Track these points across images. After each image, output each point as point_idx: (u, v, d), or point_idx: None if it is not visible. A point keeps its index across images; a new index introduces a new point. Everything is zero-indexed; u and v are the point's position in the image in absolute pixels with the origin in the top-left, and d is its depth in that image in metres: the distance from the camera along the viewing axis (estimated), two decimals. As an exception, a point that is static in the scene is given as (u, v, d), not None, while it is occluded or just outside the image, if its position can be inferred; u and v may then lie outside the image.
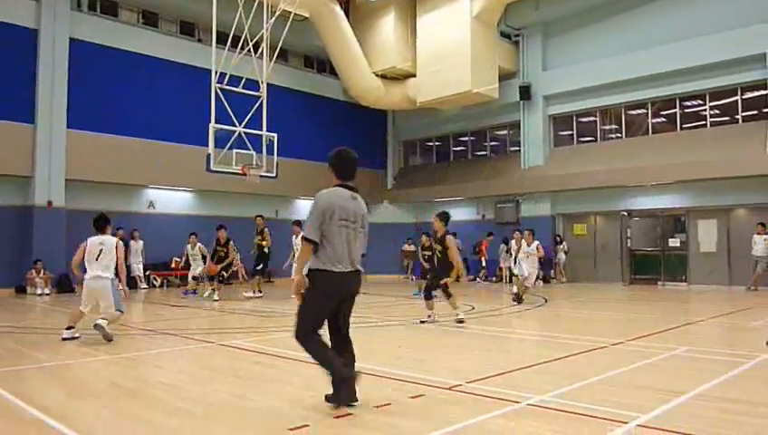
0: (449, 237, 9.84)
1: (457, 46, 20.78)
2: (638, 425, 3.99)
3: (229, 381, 5.57)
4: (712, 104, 18.88)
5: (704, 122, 19.05)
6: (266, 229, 15.71)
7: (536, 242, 13.62)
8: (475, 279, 21.96)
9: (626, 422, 4.04)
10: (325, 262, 4.42)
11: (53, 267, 16.73)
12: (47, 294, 16.06)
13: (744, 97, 18.19)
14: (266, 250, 15.53)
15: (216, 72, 16.22)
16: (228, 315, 11.84)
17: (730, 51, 17.56)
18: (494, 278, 22.03)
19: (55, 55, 17.36)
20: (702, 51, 18.11)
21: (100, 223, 8.31)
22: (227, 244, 15.06)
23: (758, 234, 16.72)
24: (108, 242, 8.18)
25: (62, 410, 4.50)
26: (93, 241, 8.17)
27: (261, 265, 15.68)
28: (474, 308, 12.36)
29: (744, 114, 18.18)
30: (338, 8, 21.32)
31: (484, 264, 22.17)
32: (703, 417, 4.24)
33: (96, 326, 7.77)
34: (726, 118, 18.63)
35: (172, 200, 20.41)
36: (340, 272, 4.43)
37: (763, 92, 17.59)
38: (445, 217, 9.96)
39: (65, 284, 17.03)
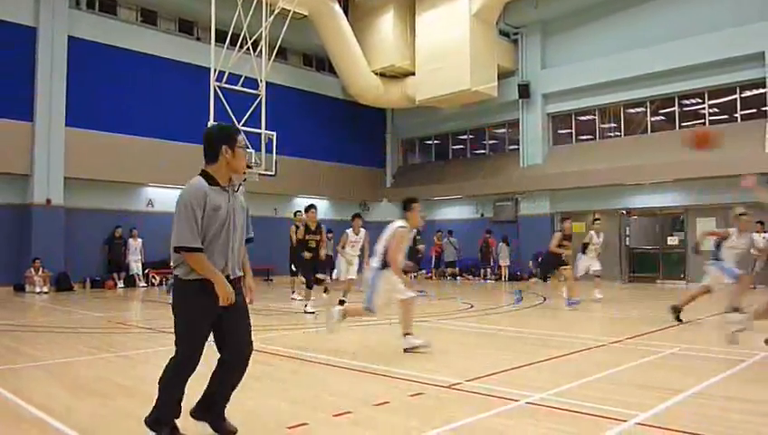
0: None
1: (456, 45, 20.77)
2: (637, 423, 3.99)
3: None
4: (710, 102, 18.89)
5: (702, 121, 19.05)
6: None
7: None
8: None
9: (625, 420, 4.04)
10: None
11: (52, 265, 16.73)
12: (45, 293, 16.04)
13: (742, 95, 18.20)
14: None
15: (215, 71, 16.23)
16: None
17: (728, 49, 17.55)
18: (494, 277, 22.03)
19: (54, 53, 17.34)
20: (700, 49, 18.10)
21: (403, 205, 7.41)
22: (319, 229, 11.90)
23: (757, 232, 16.73)
24: (387, 228, 7.25)
25: (63, 408, 4.49)
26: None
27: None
28: (472, 306, 12.37)
29: (742, 113, 18.20)
30: (337, 6, 21.30)
31: (492, 262, 22.17)
32: (702, 415, 4.24)
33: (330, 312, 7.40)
34: (725, 116, 18.64)
35: (171, 199, 20.22)
36: None
37: (761, 91, 17.59)
38: None
39: (64, 282, 17.04)
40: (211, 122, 15.82)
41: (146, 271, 19.11)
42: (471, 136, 25.44)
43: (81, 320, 10.55)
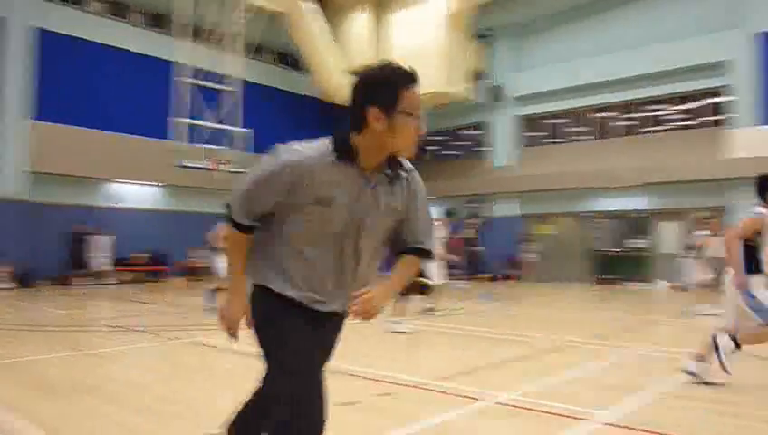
0: None
1: (428, 46, 20.86)
2: (606, 423, 4.07)
3: (199, 380, 5.53)
4: (676, 108, 19.43)
5: (667, 126, 19.56)
6: None
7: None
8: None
9: (591, 420, 4.12)
10: None
11: (16, 261, 16.35)
12: (8, 289, 15.68)
13: (705, 102, 18.78)
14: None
15: (185, 66, 16.07)
16: (201, 312, 11.69)
17: (694, 57, 18.13)
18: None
19: (21, 45, 16.94)
20: (667, 56, 18.60)
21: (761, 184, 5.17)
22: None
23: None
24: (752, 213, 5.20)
25: (28, 407, 4.42)
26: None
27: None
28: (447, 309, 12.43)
29: (703, 119, 18.82)
30: (311, 4, 21.20)
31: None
32: (668, 415, 4.33)
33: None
34: (689, 123, 19.17)
35: (140, 195, 20.06)
36: None
37: (722, 99, 18.18)
38: None
39: (28, 278, 16.67)
40: (179, 119, 15.62)
41: (114, 268, 18.79)
42: (442, 137, 25.57)
43: (45, 317, 10.34)
